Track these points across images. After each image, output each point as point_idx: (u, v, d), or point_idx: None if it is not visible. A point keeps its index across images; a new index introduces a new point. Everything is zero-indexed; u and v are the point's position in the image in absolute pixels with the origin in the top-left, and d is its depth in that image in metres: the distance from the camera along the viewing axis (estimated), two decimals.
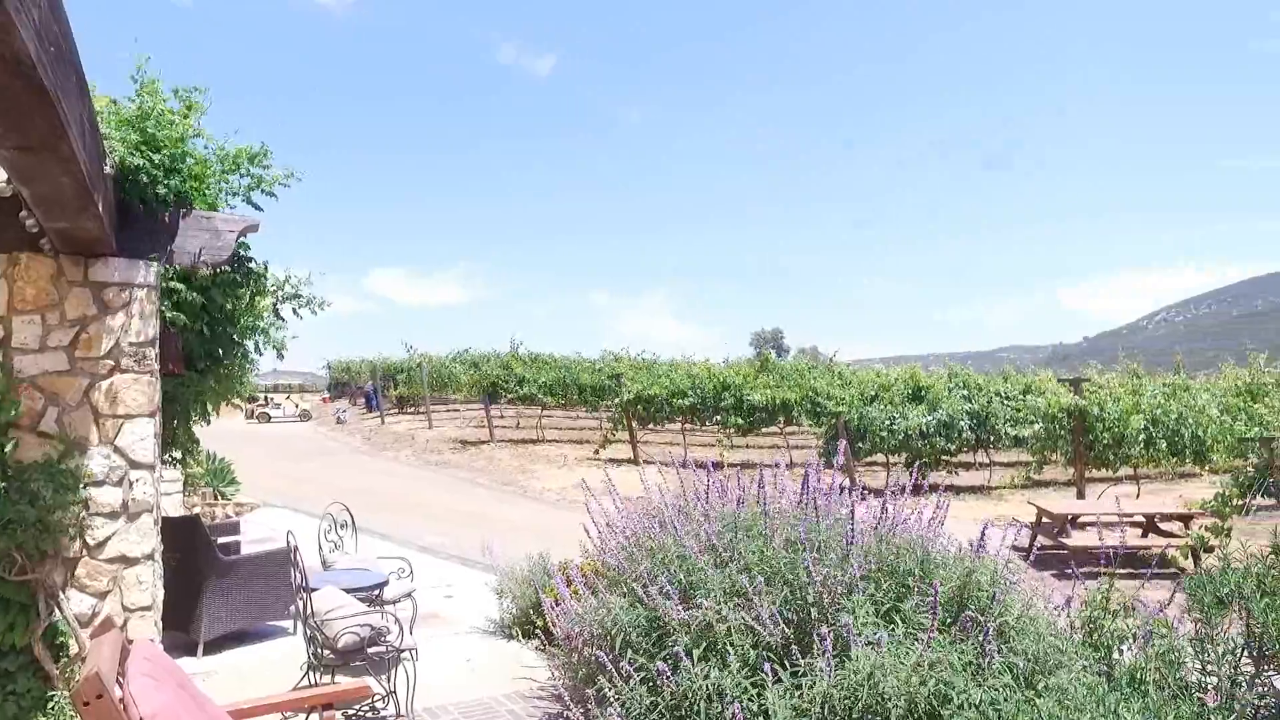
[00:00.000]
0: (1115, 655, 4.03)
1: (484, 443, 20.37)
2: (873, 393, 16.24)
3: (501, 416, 25.31)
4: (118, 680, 2.25)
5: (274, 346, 6.22)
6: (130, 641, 2.66)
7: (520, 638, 6.16)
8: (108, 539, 4.30)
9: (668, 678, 3.49)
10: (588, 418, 26.14)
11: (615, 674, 3.65)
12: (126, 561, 4.34)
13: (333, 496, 7.28)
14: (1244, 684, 3.69)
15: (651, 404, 18.06)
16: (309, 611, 4.44)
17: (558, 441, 21.47)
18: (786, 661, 3.49)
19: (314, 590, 4.60)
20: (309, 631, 4.47)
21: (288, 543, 4.81)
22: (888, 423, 14.57)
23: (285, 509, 11.98)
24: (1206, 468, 14.09)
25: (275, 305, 6.10)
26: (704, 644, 3.69)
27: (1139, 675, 3.83)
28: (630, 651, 3.86)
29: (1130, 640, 4.07)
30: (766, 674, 3.37)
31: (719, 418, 17.78)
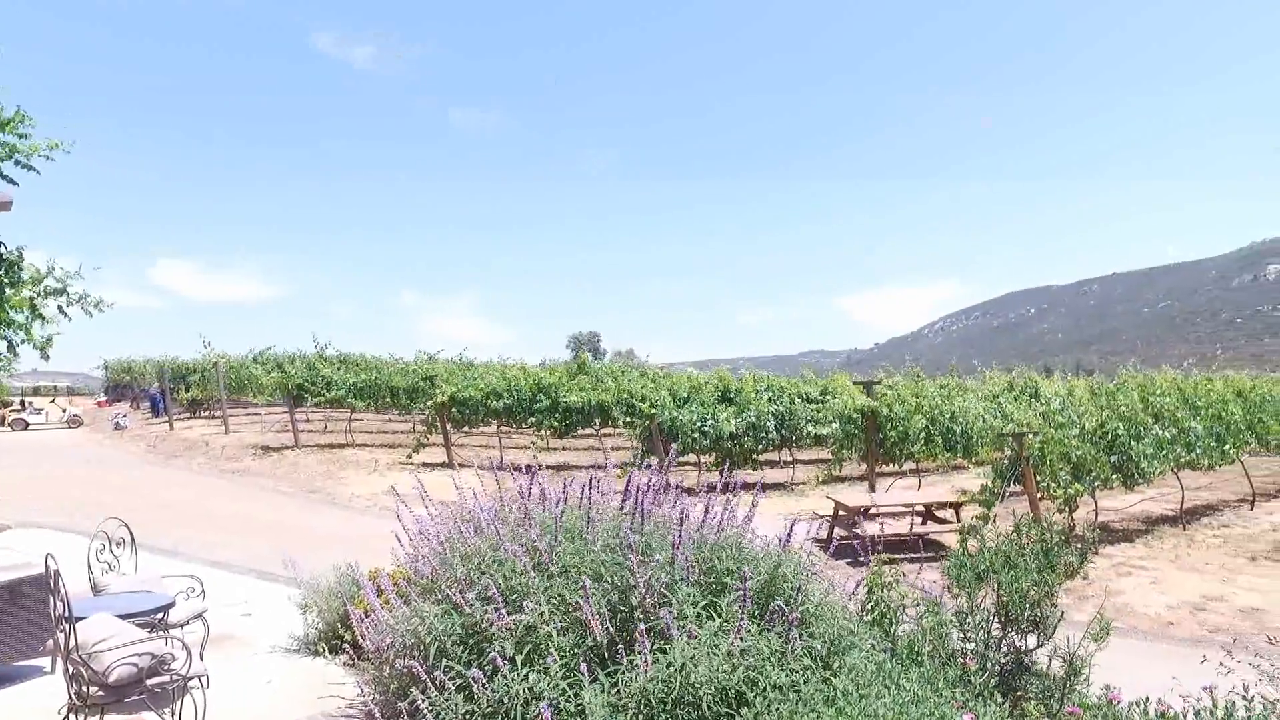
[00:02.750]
0: (897, 632, 4.46)
1: (288, 448, 19.06)
2: (685, 395, 16.84)
3: (308, 420, 23.81)
4: None
5: (35, 345, 5.50)
6: None
7: (327, 653, 5.84)
8: None
9: (484, 684, 3.46)
10: (400, 421, 25.18)
11: (430, 684, 3.55)
12: None
13: (108, 512, 6.53)
14: (995, 646, 4.19)
15: (467, 406, 17.71)
16: (72, 645, 3.94)
17: (368, 446, 20.51)
18: (610, 660, 3.56)
19: (79, 619, 4.08)
20: (71, 668, 3.97)
21: (46, 567, 4.26)
22: (699, 424, 15.17)
23: (48, 529, 10.58)
24: (973, 460, 15.84)
25: (34, 300, 5.38)
26: (526, 648, 3.69)
27: (916, 647, 4.27)
28: (445, 660, 3.78)
29: (904, 615, 4.52)
30: (584, 674, 3.42)
31: (535, 420, 17.73)
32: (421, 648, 3.91)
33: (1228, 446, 13.16)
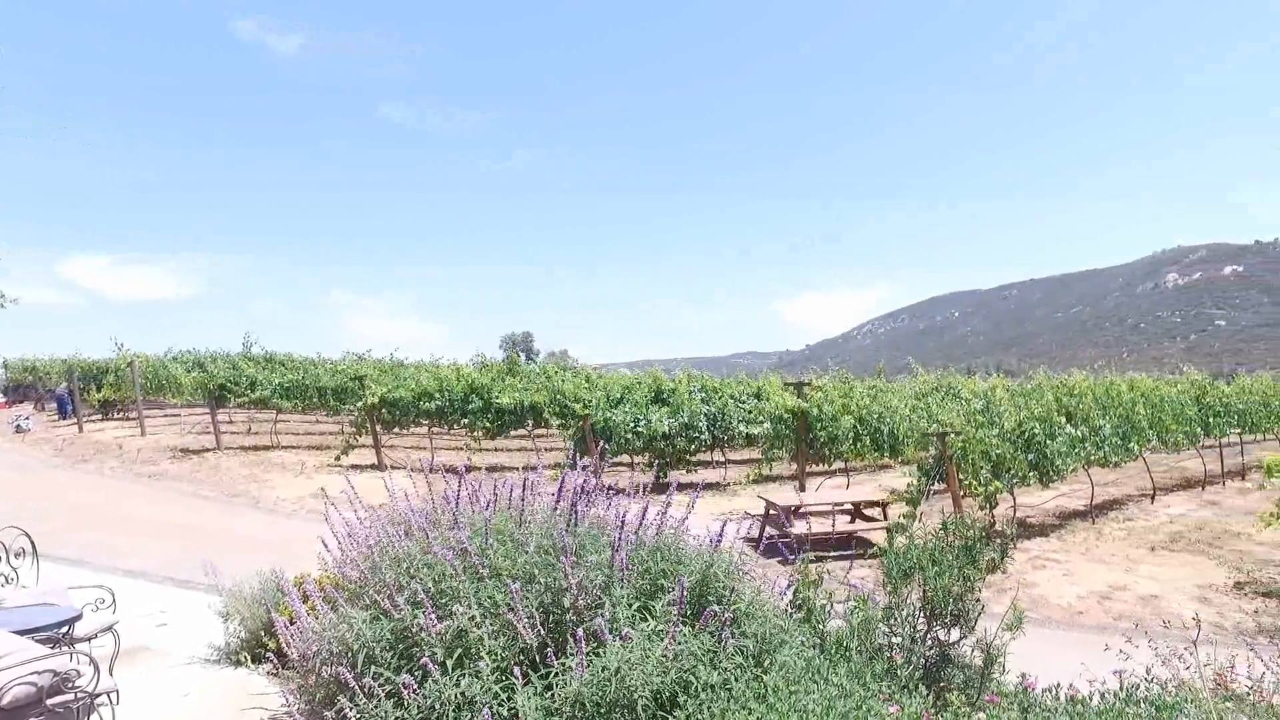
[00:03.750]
0: (827, 628, 4.55)
1: (209, 451, 18.34)
2: (618, 395, 16.86)
3: (230, 422, 22.94)
4: None
5: None
6: None
7: (249, 663, 5.64)
8: None
9: (415, 690, 3.40)
10: (329, 422, 24.53)
11: (358, 691, 3.47)
12: None
13: (7, 520, 6.18)
14: (920, 639, 4.32)
15: (397, 407, 17.36)
16: None
17: (295, 448, 19.90)
18: (544, 663, 3.54)
19: None
20: None
21: None
22: (633, 424, 15.20)
23: None
24: (899, 460, 16.30)
25: None
26: (457, 652, 3.64)
27: (845, 643, 4.37)
28: (375, 667, 3.70)
29: (834, 611, 4.61)
30: (517, 678, 3.39)
31: (468, 421, 17.49)
32: (350, 654, 3.82)
33: (1133, 444, 13.87)
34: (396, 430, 18.28)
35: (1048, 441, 11.75)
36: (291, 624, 4.34)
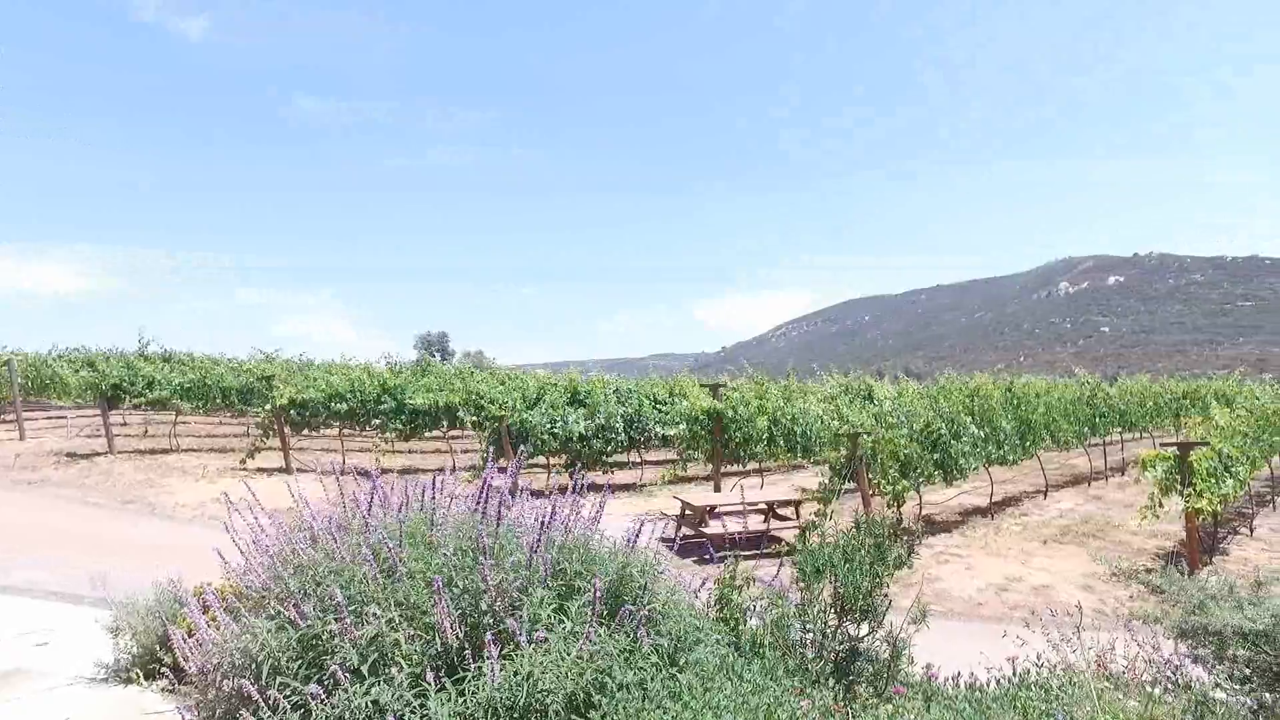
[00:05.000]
0: (741, 626, 4.62)
1: (100, 455, 17.27)
2: (535, 396, 16.75)
3: (125, 424, 21.68)
4: None
5: None
6: None
7: (142, 680, 5.33)
8: None
9: (323, 700, 3.28)
10: (233, 424, 23.50)
11: (262, 704, 3.33)
12: None
13: None
14: (831, 635, 4.44)
15: (307, 408, 16.76)
16: None
17: (196, 451, 18.95)
18: (460, 667, 3.48)
19: None
20: None
21: None
22: (549, 425, 15.12)
23: None
24: (812, 460, 16.72)
25: None
26: (369, 659, 3.54)
27: (759, 640, 4.45)
28: (280, 677, 3.56)
29: (752, 611, 4.69)
30: (429, 684, 3.32)
31: (380, 422, 17.05)
32: (254, 666, 3.66)
33: (1029, 444, 14.63)
34: (306, 432, 17.67)
35: (953, 442, 12.27)
36: (190, 636, 4.13)
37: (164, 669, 4.98)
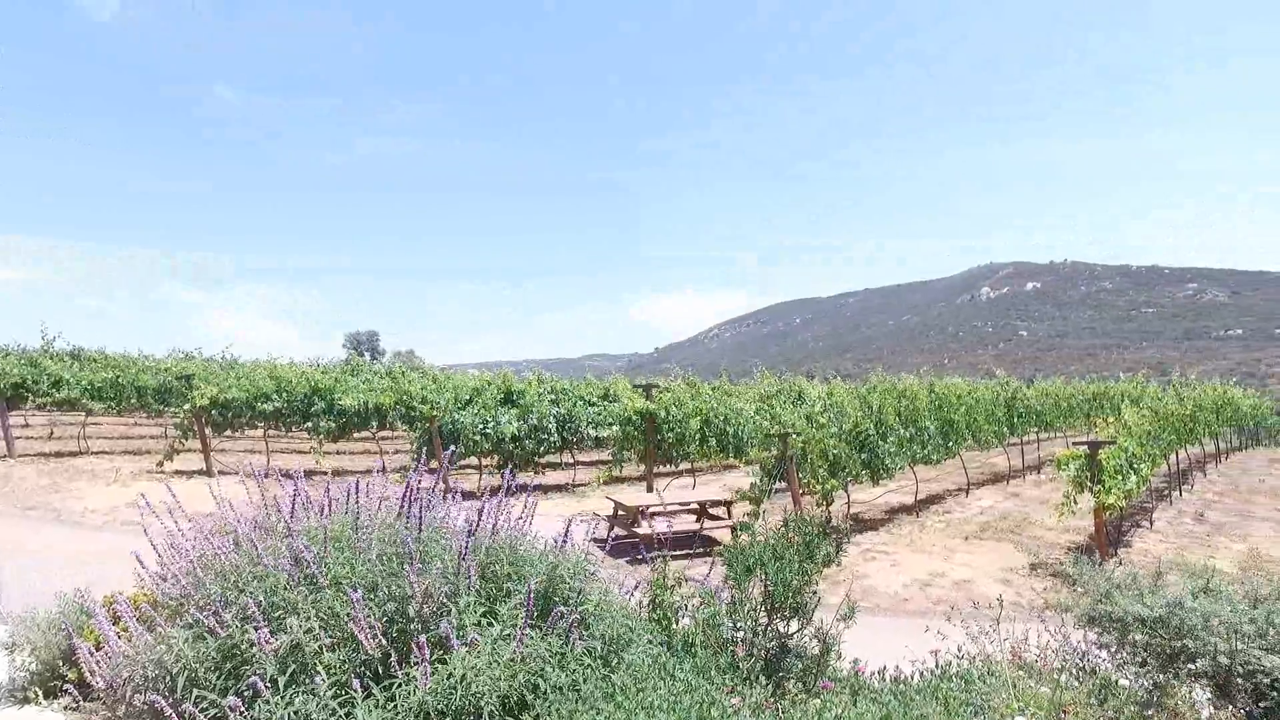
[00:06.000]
0: (674, 625, 4.65)
1: None
2: (467, 397, 16.54)
3: (27, 425, 20.54)
4: None
5: None
6: None
7: (41, 699, 5.05)
8: None
9: (242, 712, 3.17)
10: (149, 425, 22.51)
11: (177, 718, 3.20)
12: None
13: None
14: (762, 632, 4.50)
15: (230, 409, 16.15)
16: None
17: (109, 453, 18.07)
18: (387, 675, 3.40)
19: None
20: None
21: None
22: (481, 426, 14.94)
23: None
24: (744, 460, 16.93)
25: None
26: (292, 668, 3.43)
27: (691, 639, 4.48)
28: (197, 689, 3.43)
29: (684, 610, 4.72)
30: (357, 691, 3.24)
31: (309, 423, 16.57)
32: (168, 678, 3.51)
33: (952, 443, 15.13)
34: (229, 434, 17.02)
35: (880, 442, 12.59)
36: (98, 649, 3.93)
37: (68, 686, 4.73)
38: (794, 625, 4.70)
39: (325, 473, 15.71)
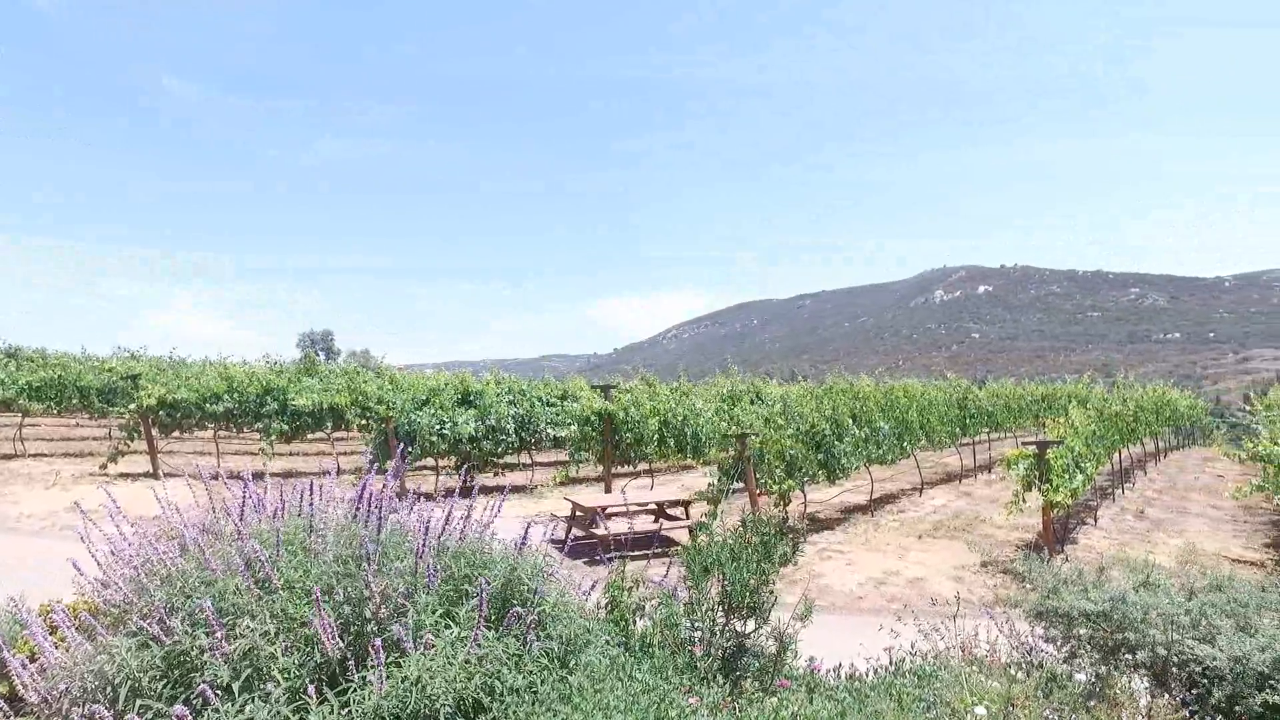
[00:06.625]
0: (631, 626, 4.65)
1: None
2: (424, 397, 16.36)
3: None
4: None
5: None
6: None
7: None
8: None
9: None
10: (93, 426, 21.83)
11: None
12: None
13: None
14: (719, 632, 4.53)
15: (179, 409, 15.73)
16: None
17: (47, 456, 17.46)
18: (343, 678, 3.35)
19: None
20: None
21: None
22: (438, 426, 14.78)
23: None
24: (702, 460, 17.03)
25: None
26: (245, 674, 3.35)
27: (649, 639, 4.49)
28: (141, 700, 3.33)
29: (642, 611, 4.73)
30: (311, 697, 3.18)
31: (261, 424, 16.22)
32: (110, 689, 3.40)
33: (906, 444, 15.40)
34: (177, 435, 16.59)
35: (836, 442, 12.76)
36: (33, 661, 3.79)
37: None
38: (751, 625, 4.74)
39: (277, 474, 15.38)
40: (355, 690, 3.24)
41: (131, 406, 15.55)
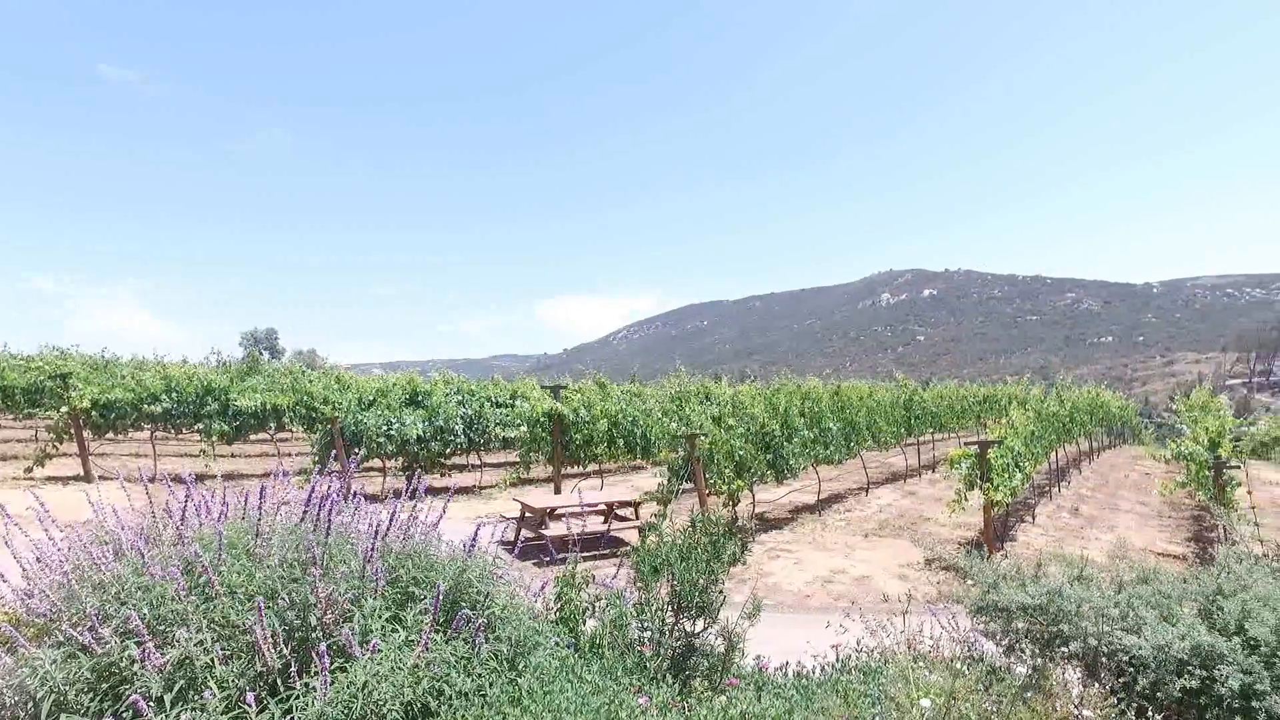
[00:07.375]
0: (581, 627, 4.65)
1: None
2: (371, 398, 16.08)
3: None
4: None
5: None
6: None
7: None
8: None
9: None
10: (16, 428, 20.92)
11: None
12: None
13: None
14: (669, 632, 4.55)
15: (113, 410, 15.17)
16: None
17: None
18: (286, 686, 3.27)
19: None
20: None
21: None
22: (385, 427, 14.55)
23: None
24: (652, 460, 17.07)
25: None
26: (179, 684, 3.25)
27: (599, 640, 4.49)
28: (65, 714, 3.20)
29: (591, 612, 4.72)
30: (250, 705, 3.10)
31: (201, 425, 15.75)
32: (32, 704, 3.26)
33: (853, 444, 15.67)
34: (111, 436, 15.99)
35: (785, 443, 12.92)
36: None
37: None
38: (700, 624, 4.77)
39: (217, 476, 14.96)
40: (298, 698, 3.16)
41: (64, 408, 14.95)
